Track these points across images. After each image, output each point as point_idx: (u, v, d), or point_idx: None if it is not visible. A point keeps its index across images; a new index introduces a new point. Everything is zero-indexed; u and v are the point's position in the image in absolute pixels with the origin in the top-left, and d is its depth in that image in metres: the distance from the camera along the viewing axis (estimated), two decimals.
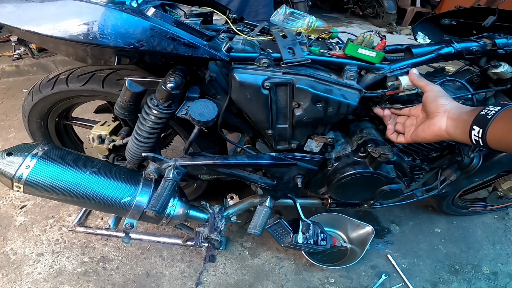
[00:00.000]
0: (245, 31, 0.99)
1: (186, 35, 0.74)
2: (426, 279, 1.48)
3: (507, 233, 1.74)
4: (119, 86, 1.01)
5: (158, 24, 0.72)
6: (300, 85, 0.81)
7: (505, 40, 0.89)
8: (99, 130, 1.17)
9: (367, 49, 0.82)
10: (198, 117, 0.81)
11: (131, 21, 0.69)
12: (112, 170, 1.00)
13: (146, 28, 0.70)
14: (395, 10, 4.87)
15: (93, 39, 0.68)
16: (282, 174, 1.09)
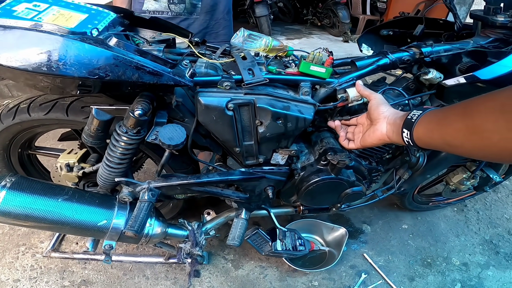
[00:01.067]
0: (207, 54, 1.04)
1: (150, 63, 0.77)
2: (403, 274, 1.57)
3: (468, 224, 1.88)
4: (85, 114, 1.02)
5: (122, 53, 0.74)
6: (260, 104, 0.87)
7: (430, 48, 1.01)
8: (66, 158, 1.16)
9: (318, 66, 0.91)
10: (168, 142, 0.84)
11: (94, 52, 0.71)
12: (84, 196, 1.01)
13: (110, 58, 0.72)
14: (349, 20, 5.16)
15: (57, 70, 0.69)
16: (253, 187, 1.14)
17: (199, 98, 0.86)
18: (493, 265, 1.65)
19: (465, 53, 1.02)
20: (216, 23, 1.54)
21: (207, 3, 1.46)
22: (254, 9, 4.59)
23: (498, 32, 1.04)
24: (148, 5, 1.45)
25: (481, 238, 1.79)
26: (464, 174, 1.41)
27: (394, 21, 1.31)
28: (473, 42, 1.04)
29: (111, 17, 0.89)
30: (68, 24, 0.76)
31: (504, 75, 0.86)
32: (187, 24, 1.48)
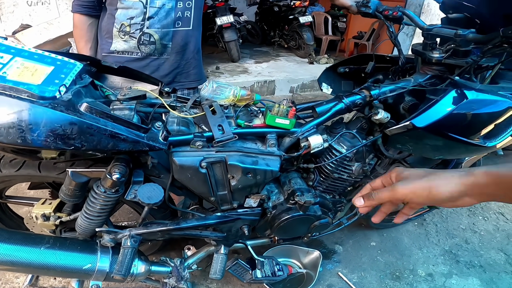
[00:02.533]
0: (178, 106, 1.10)
1: (124, 130, 0.80)
2: None
3: (429, 237, 2.05)
4: (58, 170, 1.04)
5: (95, 122, 0.75)
6: (231, 161, 0.96)
7: (378, 90, 1.10)
8: (41, 209, 1.16)
9: (282, 118, 1.01)
10: (147, 200, 0.89)
11: (68, 121, 0.71)
12: (65, 243, 1.05)
13: (84, 128, 0.73)
14: (313, 41, 5.40)
15: (31, 142, 0.69)
16: (230, 227, 1.22)
17: (174, 158, 0.93)
18: (456, 274, 1.80)
19: (407, 92, 1.13)
20: (186, 63, 1.54)
21: (177, 44, 1.44)
22: (223, 34, 4.73)
23: (434, 69, 1.13)
24: (116, 45, 1.42)
25: (442, 249, 1.96)
26: None
27: (349, 59, 1.45)
28: (413, 80, 1.14)
29: (77, 68, 0.88)
30: (34, 79, 0.75)
31: (437, 120, 0.98)
32: (157, 65, 1.47)
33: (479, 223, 2.22)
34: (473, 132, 1.03)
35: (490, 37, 0.95)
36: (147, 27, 1.37)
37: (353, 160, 1.18)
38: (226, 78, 4.06)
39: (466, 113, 0.97)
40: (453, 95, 0.97)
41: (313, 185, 1.25)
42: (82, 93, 0.90)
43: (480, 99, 0.97)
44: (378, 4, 1.30)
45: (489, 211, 2.35)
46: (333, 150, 1.15)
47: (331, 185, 1.26)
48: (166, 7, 1.34)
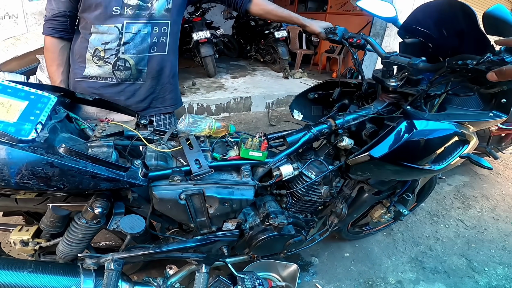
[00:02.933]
0: (155, 139, 1.14)
1: (104, 170, 0.84)
2: None
3: (396, 246, 2.20)
4: (35, 201, 1.05)
5: (76, 164, 0.79)
6: (209, 193, 1.04)
7: (342, 119, 1.19)
8: (19, 235, 1.17)
9: (255, 151, 1.10)
10: (129, 231, 0.94)
11: (50, 165, 0.74)
12: (48, 267, 1.07)
13: (65, 171, 0.77)
14: (288, 56, 5.55)
15: (15, 185, 0.73)
16: (210, 248, 1.30)
17: (154, 193, 1.00)
18: (423, 280, 1.93)
19: (367, 119, 1.24)
20: (162, 87, 1.53)
21: (152, 69, 1.43)
22: (199, 49, 4.78)
23: (391, 96, 1.22)
24: (90, 70, 1.39)
25: (408, 257, 2.11)
26: (382, 210, 1.70)
27: (318, 85, 1.56)
28: (373, 108, 1.23)
29: (52, 102, 0.90)
30: (9, 116, 0.77)
31: (390, 151, 1.08)
32: (133, 90, 1.44)
33: (441, 230, 2.40)
34: (422, 158, 1.14)
35: (437, 66, 1.05)
36: (123, 53, 1.35)
37: (322, 184, 1.30)
38: (203, 94, 4.10)
39: (416, 142, 1.08)
40: (404, 126, 1.08)
41: (286, 207, 1.35)
42: (58, 128, 0.94)
43: (428, 129, 1.08)
44: (344, 31, 1.40)
45: (449, 218, 2.54)
46: (303, 176, 1.26)
47: (303, 207, 1.37)
48: (142, 33, 1.33)
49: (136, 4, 1.29)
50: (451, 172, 3.24)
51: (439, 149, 1.15)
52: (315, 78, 5.49)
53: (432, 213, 2.59)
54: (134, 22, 1.31)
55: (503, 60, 0.86)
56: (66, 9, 1.31)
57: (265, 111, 4.38)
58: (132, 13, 1.29)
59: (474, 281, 1.97)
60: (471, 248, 2.24)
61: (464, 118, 1.16)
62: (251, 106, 4.32)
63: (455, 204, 2.75)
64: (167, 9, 1.36)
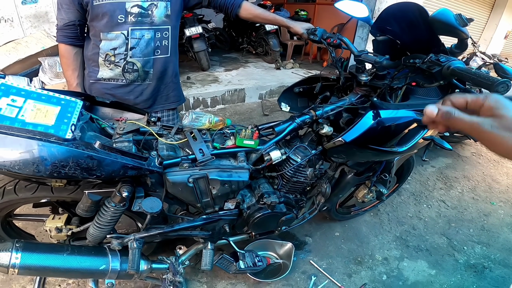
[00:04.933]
0: (164, 133, 1.31)
1: (130, 161, 1.02)
2: (343, 273, 1.92)
3: (383, 225, 2.37)
4: (68, 190, 1.23)
5: (108, 156, 0.96)
6: (212, 176, 1.23)
7: (321, 110, 1.34)
8: (54, 223, 1.34)
9: (248, 140, 1.29)
10: (150, 210, 1.10)
11: (90, 157, 0.91)
12: (81, 250, 1.26)
13: (102, 162, 0.94)
14: (279, 47, 5.65)
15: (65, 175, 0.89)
16: (214, 227, 1.49)
17: (167, 177, 1.19)
18: (407, 257, 2.07)
19: (344, 109, 1.40)
20: (166, 86, 1.70)
21: (157, 70, 1.59)
22: (192, 44, 4.86)
23: (363, 89, 1.36)
24: (103, 73, 1.55)
25: (393, 235, 2.28)
26: (364, 190, 1.89)
27: (303, 80, 1.73)
28: (348, 100, 1.40)
29: (79, 106, 1.05)
30: (47, 120, 0.93)
31: (359, 135, 1.25)
32: (141, 90, 1.61)
33: (424, 210, 2.59)
34: (387, 142, 1.33)
35: (396, 64, 1.23)
36: (130, 57, 1.50)
37: (307, 166, 1.48)
38: (198, 88, 4.21)
39: (380, 128, 1.25)
40: (371, 114, 1.25)
41: (277, 188, 1.54)
42: (85, 128, 1.13)
43: (390, 117, 1.25)
44: (323, 32, 1.56)
45: (432, 199, 2.73)
46: (290, 160, 1.44)
47: (292, 187, 1.55)
48: (146, 38, 1.47)
49: (138, 12, 1.42)
50: (435, 155, 3.43)
51: (401, 134, 1.33)
52: (306, 68, 5.63)
53: (415, 194, 2.78)
54: (138, 29, 1.45)
55: (439, 61, 1.03)
56: (76, 18, 1.44)
57: (258, 101, 4.51)
58: (135, 20, 1.43)
59: (454, 259, 2.11)
60: (452, 228, 2.39)
61: (422, 107, 1.31)
62: (245, 98, 4.45)
63: (438, 185, 2.94)
64: (167, 16, 1.49)
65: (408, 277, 1.95)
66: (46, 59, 2.75)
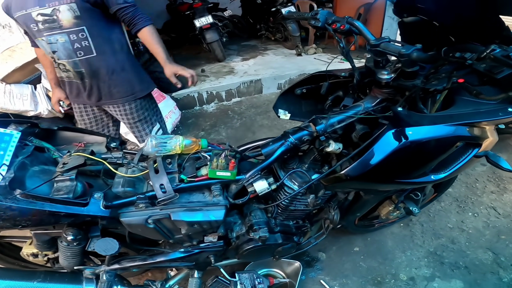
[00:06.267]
0: (125, 162, 1.15)
1: (62, 208, 0.89)
2: None
3: (414, 239, 2.02)
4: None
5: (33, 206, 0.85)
6: (175, 218, 1.01)
7: (323, 124, 1.06)
8: (30, 249, 1.27)
9: (223, 171, 1.04)
10: (103, 252, 1.00)
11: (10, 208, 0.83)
12: (54, 276, 1.16)
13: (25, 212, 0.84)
14: (299, 32, 5.21)
15: None
16: (196, 258, 1.28)
17: (121, 219, 1.00)
18: (438, 276, 1.78)
19: (357, 120, 1.09)
20: (105, 84, 1.63)
21: (88, 70, 1.56)
22: (204, 36, 4.64)
23: (384, 91, 1.08)
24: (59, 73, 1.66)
25: (426, 251, 1.94)
26: (390, 207, 1.57)
27: (305, 79, 1.41)
28: (363, 107, 1.08)
29: (15, 139, 0.95)
30: None
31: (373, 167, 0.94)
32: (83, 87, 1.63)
33: (468, 220, 2.16)
34: (414, 171, 1.00)
35: (433, 57, 0.86)
36: (58, 59, 1.54)
37: (308, 193, 1.20)
38: (212, 81, 4.01)
39: (406, 154, 0.93)
40: (391, 135, 0.93)
41: (272, 216, 1.28)
42: (27, 163, 1.00)
43: (422, 138, 0.91)
44: (328, 15, 1.20)
45: (479, 206, 2.27)
46: (285, 187, 1.17)
47: (290, 215, 1.29)
48: (60, 41, 1.46)
49: (43, 19, 1.41)
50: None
51: (437, 159, 1.00)
52: (330, 53, 5.15)
53: (459, 200, 2.32)
54: (51, 34, 1.45)
55: (509, 57, 0.66)
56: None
57: (277, 92, 4.21)
58: (44, 27, 1.43)
59: (497, 277, 1.79)
60: (501, 241, 1.99)
61: (473, 118, 0.98)
62: (262, 89, 4.16)
63: (489, 188, 2.43)
64: (76, 17, 1.43)
65: None
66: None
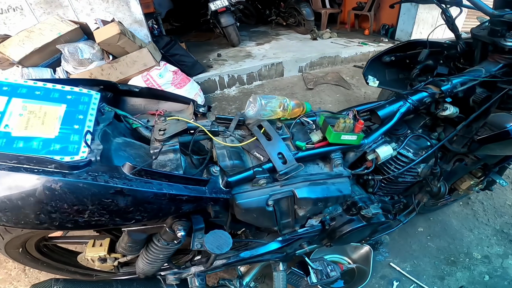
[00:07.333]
0: (220, 130, 0.96)
1: (183, 189, 0.68)
2: (433, 275, 1.63)
3: (477, 217, 1.95)
4: None
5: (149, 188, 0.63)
6: (301, 195, 0.84)
7: (449, 85, 0.98)
8: (95, 252, 1.08)
9: (349, 134, 0.88)
10: (217, 251, 0.76)
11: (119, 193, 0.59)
12: (133, 284, 1.04)
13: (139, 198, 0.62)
14: (313, 16, 5.07)
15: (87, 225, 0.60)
16: (290, 248, 1.15)
17: (238, 202, 0.81)
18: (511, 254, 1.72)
19: (478, 84, 1.01)
20: None
21: None
22: (219, 19, 4.43)
23: (507, 57, 1.03)
24: None
25: (493, 229, 1.87)
26: (471, 181, 1.45)
27: (397, 47, 1.33)
28: (485, 71, 1.02)
29: (95, 100, 0.73)
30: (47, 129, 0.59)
31: None
32: None
33: None
34: None
35: None
36: None
37: (419, 162, 1.07)
38: (231, 65, 3.85)
39: None
40: None
41: (373, 191, 1.15)
42: (109, 133, 0.78)
43: None
44: None
45: None
46: (399, 156, 1.03)
47: (393, 189, 1.16)
48: None
49: None
50: None
51: None
52: (346, 37, 4.99)
53: (511, 177, 2.23)
54: None
55: None
56: None
57: (299, 75, 4.08)
58: None
59: None
60: None
61: None
62: (284, 72, 3.99)
63: None
64: None
65: None
66: (65, 46, 2.43)
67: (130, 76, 2.71)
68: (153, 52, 2.77)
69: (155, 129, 0.84)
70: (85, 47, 2.52)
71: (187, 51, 4.01)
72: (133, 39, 2.65)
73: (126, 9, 2.98)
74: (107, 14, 2.92)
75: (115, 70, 2.61)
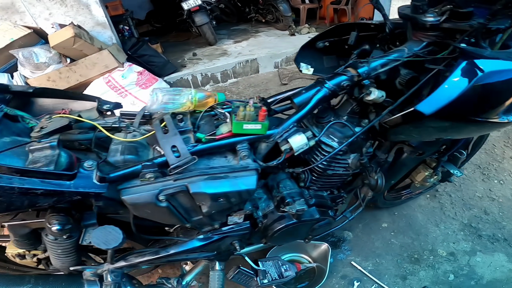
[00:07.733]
0: (123, 126, 0.90)
1: (38, 183, 0.64)
2: (394, 275, 1.56)
3: (444, 210, 1.86)
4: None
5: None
6: (194, 190, 0.78)
7: (366, 67, 0.92)
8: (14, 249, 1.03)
9: (252, 123, 0.81)
10: (104, 246, 0.74)
11: None
12: (48, 280, 0.94)
13: None
14: (291, 12, 5.05)
15: None
16: (218, 246, 1.07)
17: (123, 198, 0.75)
18: (480, 250, 1.65)
19: (402, 64, 0.95)
20: None
21: None
22: (193, 19, 4.40)
23: (430, 34, 0.96)
24: None
25: (460, 223, 1.78)
26: (426, 172, 1.39)
27: (327, 31, 1.25)
28: (407, 50, 0.96)
29: None
30: None
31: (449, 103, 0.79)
32: None
33: (496, 188, 2.01)
34: (491, 109, 0.85)
35: None
36: None
37: (348, 152, 1.00)
38: (205, 63, 3.80)
39: (483, 89, 0.79)
40: (464, 69, 0.78)
41: (305, 185, 1.08)
42: None
43: (498, 69, 0.78)
44: None
45: (503, 172, 2.12)
46: (322, 145, 0.96)
47: (327, 183, 1.09)
48: None
49: None
50: None
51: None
52: None
53: (482, 167, 2.17)
54: None
55: None
56: None
57: (274, 71, 4.04)
58: None
59: None
60: None
61: None
62: (259, 68, 3.96)
63: (507, 154, 2.29)
64: None
65: (482, 275, 1.55)
66: (19, 51, 2.40)
67: (92, 79, 2.65)
68: (115, 53, 2.71)
69: (36, 127, 0.79)
70: (40, 51, 2.47)
71: (162, 51, 3.96)
72: (91, 41, 2.58)
73: (87, 12, 2.92)
74: (66, 18, 2.86)
75: (74, 73, 2.55)
